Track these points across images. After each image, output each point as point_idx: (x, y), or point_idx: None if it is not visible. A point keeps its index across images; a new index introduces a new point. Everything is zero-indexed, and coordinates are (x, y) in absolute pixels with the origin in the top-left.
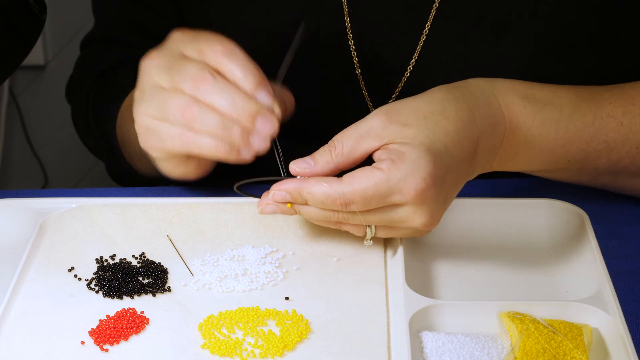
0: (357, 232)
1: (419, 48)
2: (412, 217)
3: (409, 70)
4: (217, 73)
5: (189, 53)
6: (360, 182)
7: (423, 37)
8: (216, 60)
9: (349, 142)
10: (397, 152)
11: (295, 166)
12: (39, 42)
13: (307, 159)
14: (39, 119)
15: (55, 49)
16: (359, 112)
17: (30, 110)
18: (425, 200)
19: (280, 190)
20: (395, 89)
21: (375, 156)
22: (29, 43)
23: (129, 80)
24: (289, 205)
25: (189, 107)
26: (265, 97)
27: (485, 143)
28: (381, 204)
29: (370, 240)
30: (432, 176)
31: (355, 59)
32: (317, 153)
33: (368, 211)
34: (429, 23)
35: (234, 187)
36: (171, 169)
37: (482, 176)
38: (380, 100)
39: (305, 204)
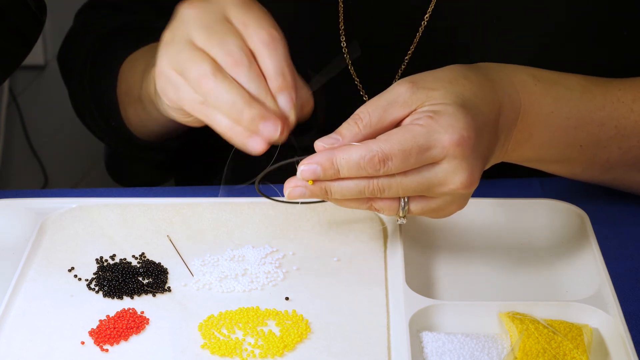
0: (390, 208)
1: (415, 40)
2: (452, 176)
3: (404, 64)
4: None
5: (234, 20)
6: (398, 135)
7: (421, 29)
8: (256, 46)
9: (376, 111)
10: (432, 110)
11: (321, 143)
12: (39, 42)
13: (333, 134)
14: (39, 119)
15: (55, 49)
16: (352, 101)
17: (30, 110)
18: (465, 154)
19: (310, 163)
20: (391, 81)
21: (406, 121)
22: (29, 43)
23: (131, 44)
24: (310, 182)
25: (212, 80)
26: (284, 102)
27: (504, 116)
28: (420, 160)
29: (403, 217)
30: (471, 127)
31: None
32: (343, 127)
33: (405, 174)
34: (428, 14)
35: (255, 186)
36: (179, 117)
37: (482, 176)
38: (375, 90)
39: (337, 176)
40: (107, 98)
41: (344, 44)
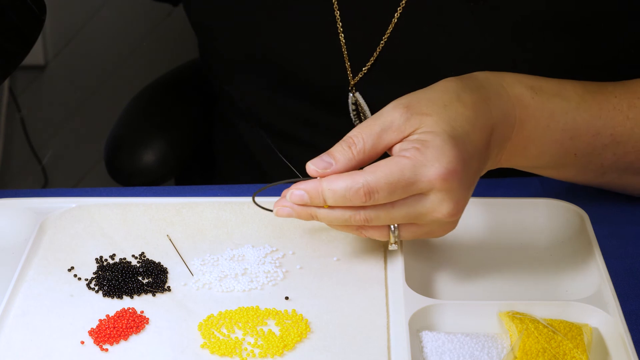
0: (380, 235)
1: (398, 12)
2: (438, 206)
3: (388, 32)
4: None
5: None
6: (385, 169)
7: (402, 3)
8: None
9: (370, 138)
10: (420, 140)
11: (314, 166)
12: (39, 42)
13: (325, 157)
14: (39, 119)
15: (55, 49)
16: (336, 74)
17: (30, 110)
18: (451, 186)
19: (298, 189)
20: (373, 52)
21: (396, 148)
22: (29, 43)
23: None
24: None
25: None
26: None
27: (498, 134)
28: (407, 192)
29: (394, 244)
30: (458, 160)
31: (338, 19)
32: (337, 151)
33: (392, 205)
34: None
35: (252, 198)
36: None
37: (482, 176)
38: (358, 64)
39: (324, 205)
40: None
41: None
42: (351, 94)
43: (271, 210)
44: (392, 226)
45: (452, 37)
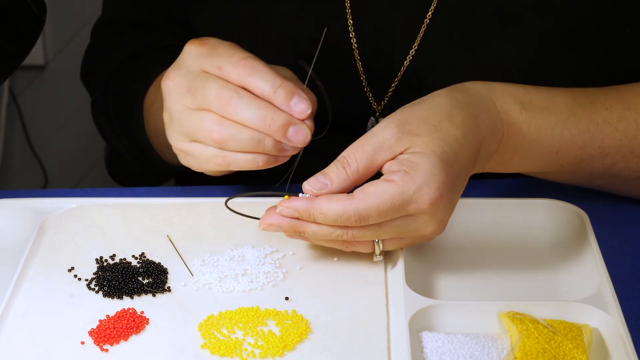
0: (365, 249)
1: (419, 36)
2: (424, 226)
3: (408, 59)
4: (242, 88)
5: (209, 69)
6: (375, 197)
7: (424, 27)
8: (239, 78)
9: (363, 158)
10: (409, 162)
11: (310, 187)
12: (39, 42)
13: (321, 177)
14: (39, 119)
15: (55, 49)
16: (357, 100)
17: (30, 110)
18: (438, 209)
19: (289, 208)
20: (394, 78)
21: (386, 167)
22: (29, 43)
23: (149, 71)
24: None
25: (218, 128)
26: (299, 105)
27: (485, 148)
28: (396, 215)
29: (380, 255)
30: (445, 185)
31: (354, 46)
32: (331, 171)
33: (379, 226)
34: (430, 12)
35: (225, 203)
36: (210, 173)
37: (482, 176)
38: (379, 90)
39: (314, 222)
40: (136, 133)
41: (352, 37)
42: (372, 118)
43: (247, 216)
44: (376, 241)
45: (479, 52)
